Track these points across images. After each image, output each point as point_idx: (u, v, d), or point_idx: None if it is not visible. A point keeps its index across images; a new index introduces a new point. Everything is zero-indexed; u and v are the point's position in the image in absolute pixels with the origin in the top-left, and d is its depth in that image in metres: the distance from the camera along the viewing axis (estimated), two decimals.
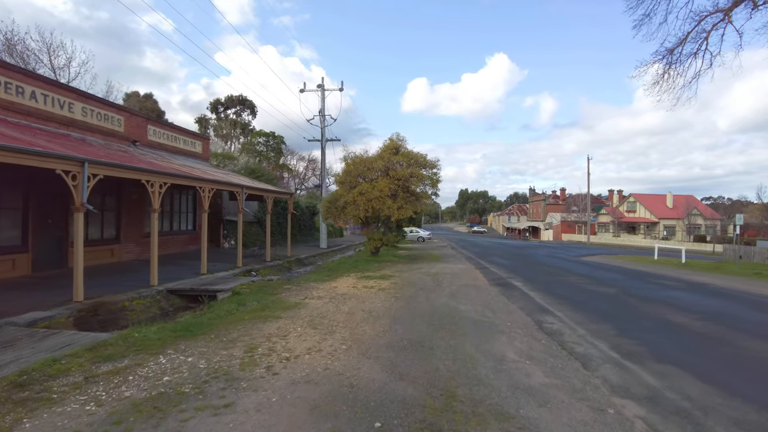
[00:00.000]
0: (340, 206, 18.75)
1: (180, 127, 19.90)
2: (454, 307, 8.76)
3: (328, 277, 13.80)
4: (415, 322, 7.44)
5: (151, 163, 12.28)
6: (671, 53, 14.96)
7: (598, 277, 14.76)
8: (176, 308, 10.37)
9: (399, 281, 12.63)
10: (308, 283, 12.25)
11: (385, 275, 13.98)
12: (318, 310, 8.30)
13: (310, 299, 9.52)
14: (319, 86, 28.85)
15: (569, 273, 16.13)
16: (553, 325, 7.40)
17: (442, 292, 10.75)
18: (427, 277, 13.75)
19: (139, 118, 16.38)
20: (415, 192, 19.34)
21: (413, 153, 19.36)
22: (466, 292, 10.71)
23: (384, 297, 9.85)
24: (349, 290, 10.81)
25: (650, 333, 6.96)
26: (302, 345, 5.99)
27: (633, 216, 65.29)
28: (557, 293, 10.87)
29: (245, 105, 59.57)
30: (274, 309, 8.43)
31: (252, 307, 8.66)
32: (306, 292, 10.52)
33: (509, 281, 13.05)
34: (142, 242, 16.42)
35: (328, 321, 7.42)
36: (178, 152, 18.73)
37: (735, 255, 25.47)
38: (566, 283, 13.11)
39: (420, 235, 42.77)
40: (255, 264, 16.81)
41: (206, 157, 21.36)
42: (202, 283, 11.58)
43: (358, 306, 8.77)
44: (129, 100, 46.69)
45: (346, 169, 19.44)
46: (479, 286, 11.84)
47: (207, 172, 15.91)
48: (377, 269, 16.05)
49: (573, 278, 14.40)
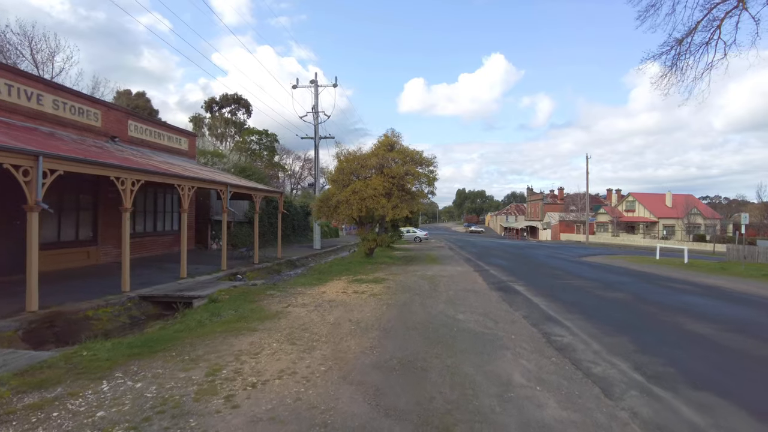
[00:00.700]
0: (332, 205, 17.89)
1: (164, 123, 19.01)
2: (452, 316, 7.92)
3: (317, 280, 12.95)
4: (408, 334, 6.59)
5: (125, 159, 11.40)
6: (680, 44, 14.16)
7: (605, 280, 13.96)
8: (149, 317, 9.50)
9: (393, 285, 11.79)
10: (295, 287, 11.39)
11: (378, 279, 13.14)
12: (300, 321, 7.45)
13: (294, 307, 8.67)
14: (312, 82, 27.98)
15: (573, 275, 15.32)
16: (563, 338, 6.57)
17: (439, 298, 9.92)
18: (423, 280, 12.92)
19: (118, 113, 15.48)
20: (410, 191, 18.50)
21: (409, 150, 18.53)
22: (464, 298, 9.88)
23: (375, 304, 9.01)
24: (338, 296, 9.96)
25: (675, 348, 6.13)
26: (274, 366, 5.14)
27: (632, 215, 64.66)
28: (563, 299, 10.05)
29: (240, 104, 58.64)
30: (251, 319, 7.57)
31: (227, 317, 7.80)
32: (290, 298, 9.67)
33: (510, 285, 12.23)
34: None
35: (310, 334, 6.57)
36: (162, 149, 17.83)
37: (739, 255, 24.75)
38: (571, 287, 12.30)
39: (417, 235, 41.96)
40: (242, 267, 15.94)
41: (193, 155, 20.46)
42: (179, 288, 10.70)
43: (346, 315, 7.92)
44: (120, 98, 45.73)
45: (338, 167, 18.58)
46: (479, 291, 11.02)
47: (189, 169, 15.03)
48: (370, 272, 15.21)
49: (578, 281, 13.60)
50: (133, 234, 16.25)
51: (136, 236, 16.33)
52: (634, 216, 64.40)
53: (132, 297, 9.61)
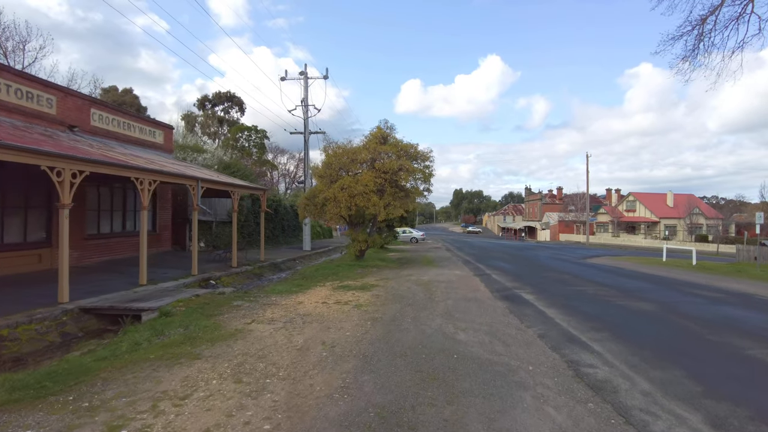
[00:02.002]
0: (318, 203, 16.35)
1: (135, 114, 17.43)
2: (451, 336, 6.41)
3: (298, 287, 11.42)
4: (395, 365, 5.07)
5: (69, 147, 9.82)
6: (703, 22, 12.73)
7: (621, 286, 12.48)
8: (88, 333, 7.93)
9: (382, 293, 10.27)
10: (269, 296, 9.85)
11: (366, 285, 11.62)
12: (259, 345, 5.91)
13: (258, 323, 7.13)
14: (301, 74, 26.44)
15: (583, 280, 13.84)
16: (596, 369, 5.07)
17: (435, 309, 8.41)
18: (418, 287, 11.41)
19: (78, 99, 13.88)
20: (404, 188, 16.98)
21: (403, 143, 17.01)
22: (465, 310, 8.37)
23: (358, 319, 7.48)
24: (316, 308, 8.42)
25: (755, 390, 4.61)
26: (199, 422, 3.61)
27: (633, 215, 63.41)
28: (582, 311, 8.55)
29: (233, 102, 57.10)
30: (200, 341, 6.04)
31: (171, 338, 6.26)
32: (258, 311, 8.12)
33: (517, 293, 10.72)
34: (83, 245, 13.93)
35: (265, 366, 5.04)
36: (133, 142, 16.24)
37: (749, 256, 23.43)
38: (586, 294, 10.81)
39: (413, 235, 40.48)
40: (217, 271, 14.38)
41: (169, 149, 18.86)
42: (131, 298, 9.14)
43: (320, 335, 6.39)
44: (107, 95, 44.15)
45: (326, 161, 17.04)
46: (481, 300, 9.51)
47: (156, 162, 13.45)
48: (359, 277, 13.68)
49: (591, 287, 12.12)
50: (96, 235, 14.68)
51: (99, 237, 14.76)
52: (635, 216, 63.13)
53: (69, 309, 8.04)
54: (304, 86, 26.53)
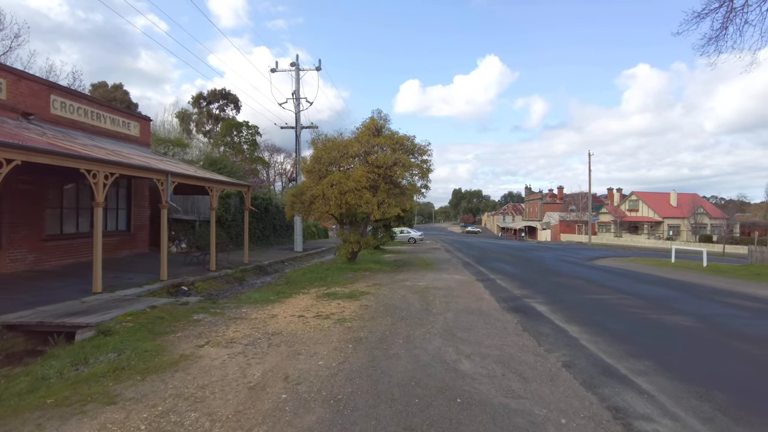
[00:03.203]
0: (306, 201, 14.94)
1: (105, 102, 16.01)
2: (453, 366, 5.02)
3: (277, 295, 10.02)
4: (377, 418, 3.68)
5: (9, 134, 8.41)
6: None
7: (642, 294, 11.10)
8: (10, 357, 6.51)
9: (372, 303, 8.88)
10: (240, 307, 8.45)
11: (355, 292, 10.22)
12: (202, 380, 4.51)
13: (213, 346, 5.73)
14: (292, 65, 25.04)
15: (598, 286, 12.46)
16: (657, 426, 3.67)
17: (433, 325, 7.01)
18: (413, 295, 10.01)
19: (35, 84, 12.44)
20: (400, 184, 15.58)
21: (398, 135, 15.60)
22: (469, 326, 6.98)
23: (338, 339, 6.09)
24: (290, 323, 7.02)
25: None
26: None
27: (635, 215, 62.13)
28: (608, 327, 7.17)
29: (228, 99, 55.79)
30: (127, 375, 4.63)
31: (93, 369, 4.85)
32: (219, 328, 6.71)
33: (527, 303, 9.33)
34: (41, 247, 12.51)
35: (198, 417, 3.63)
36: (102, 133, 14.80)
37: (762, 257, 22.12)
38: (606, 305, 9.42)
39: (411, 236, 39.10)
40: (192, 275, 12.98)
41: (146, 142, 17.43)
42: (74, 310, 7.72)
43: (285, 365, 5.00)
44: (96, 91, 42.78)
45: (315, 155, 15.63)
46: (487, 313, 8.11)
47: (119, 154, 12.04)
48: (349, 282, 12.29)
49: (609, 295, 10.74)
50: (57, 235, 13.26)
51: (62, 238, 13.33)
52: (638, 216, 61.81)
53: None
54: (296, 78, 25.13)
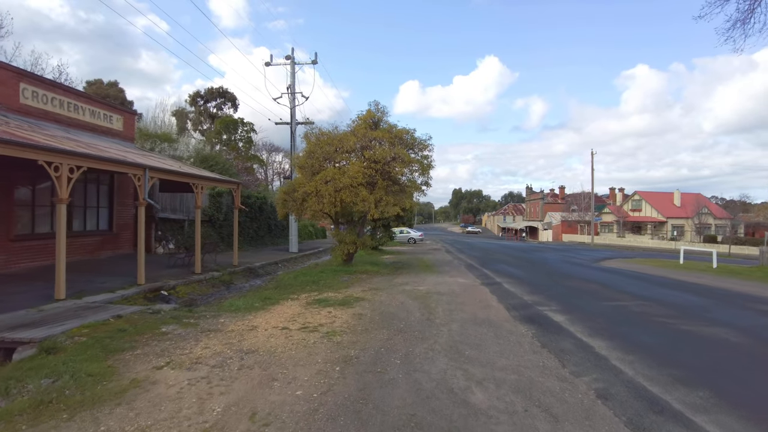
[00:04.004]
0: (298, 198, 13.97)
1: (84, 94, 15.04)
2: (462, 397, 4.06)
3: (263, 301, 9.06)
4: None
5: None
6: None
7: (665, 300, 10.14)
8: None
9: (367, 311, 7.92)
10: (218, 316, 7.49)
11: (349, 298, 9.26)
12: (145, 420, 3.54)
13: (173, 368, 4.77)
14: (287, 58, 24.08)
15: (615, 291, 11.50)
16: None
17: (436, 340, 6.05)
18: (413, 301, 9.05)
19: (1, 71, 11.48)
20: (399, 180, 14.61)
21: (397, 128, 14.63)
22: (478, 341, 6.02)
23: (324, 358, 5.13)
24: (271, 337, 6.06)
25: None
26: None
27: (638, 215, 61.19)
28: (639, 342, 6.21)
29: (226, 97, 55.02)
30: (51, 413, 3.67)
31: (13, 404, 3.89)
32: (187, 344, 5.74)
33: (541, 311, 8.37)
34: (9, 248, 11.55)
35: None
36: (80, 126, 13.83)
37: None
38: (630, 313, 8.46)
39: (411, 236, 38.14)
40: (174, 279, 12.01)
41: (130, 137, 16.45)
42: (25, 321, 6.74)
43: (254, 396, 4.03)
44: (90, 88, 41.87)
45: (308, 149, 14.66)
46: (497, 324, 7.15)
47: (94, 146, 11.07)
48: (344, 286, 11.33)
49: (629, 301, 9.78)
50: (28, 235, 12.28)
51: (33, 238, 12.36)
52: (641, 216, 60.86)
53: None
54: (291, 72, 24.16)
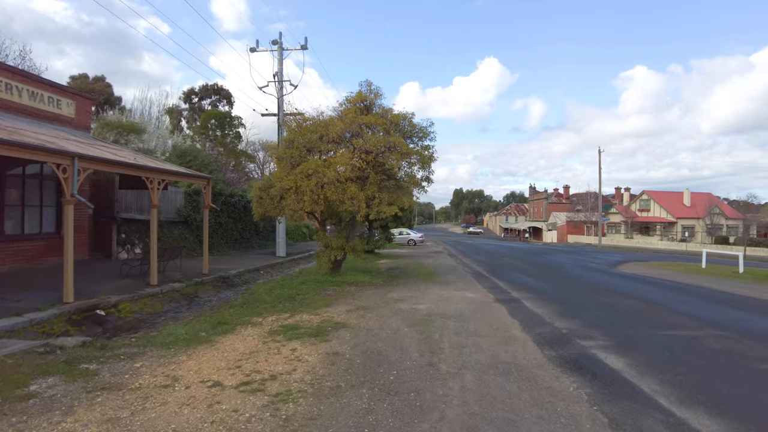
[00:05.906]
0: (275, 195, 11.74)
1: (21, 71, 12.81)
2: None
3: (212, 329, 6.85)
4: None
5: None
6: None
7: (743, 327, 7.87)
8: None
9: (346, 349, 5.70)
10: (135, 357, 5.26)
11: (326, 325, 7.04)
12: None
13: None
14: (274, 42, 21.87)
15: (667, 311, 9.22)
16: None
17: (443, 412, 3.82)
18: (410, 329, 6.82)
19: None
20: (394, 175, 12.36)
21: (393, 113, 12.43)
22: (507, 413, 3.78)
23: None
24: (186, 405, 3.83)
25: None
26: None
27: (647, 216, 58.91)
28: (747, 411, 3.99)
29: (221, 95, 53.05)
30: None
31: None
32: (52, 418, 3.51)
33: (587, 350, 6.11)
34: None
35: None
36: (15, 109, 11.63)
37: None
38: (716, 355, 6.18)
39: (411, 237, 35.93)
40: (119, 294, 9.80)
41: (85, 125, 14.22)
42: None
43: None
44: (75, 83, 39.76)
45: (288, 138, 12.43)
46: (530, 377, 4.92)
47: (8, 129, 8.85)
48: (325, 303, 9.10)
49: (699, 331, 7.53)
50: None
51: None
52: (650, 216, 58.56)
53: None
54: (278, 59, 21.96)
